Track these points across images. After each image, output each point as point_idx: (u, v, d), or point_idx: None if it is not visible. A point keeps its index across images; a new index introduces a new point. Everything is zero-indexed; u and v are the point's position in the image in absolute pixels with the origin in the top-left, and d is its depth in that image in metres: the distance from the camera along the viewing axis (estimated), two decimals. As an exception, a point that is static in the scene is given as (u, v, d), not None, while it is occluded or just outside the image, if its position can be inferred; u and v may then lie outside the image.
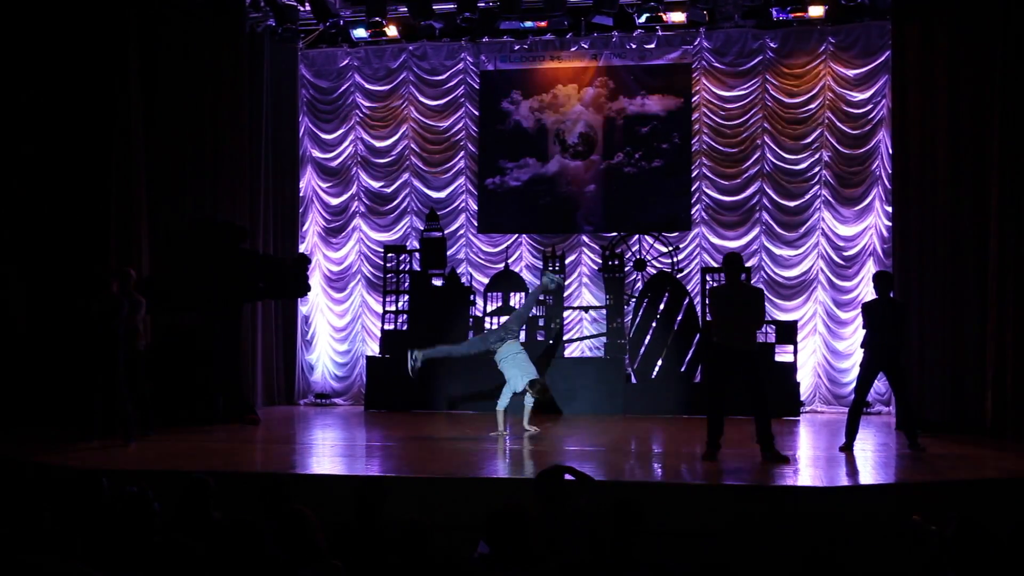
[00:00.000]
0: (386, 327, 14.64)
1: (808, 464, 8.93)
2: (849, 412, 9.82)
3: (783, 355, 13.42)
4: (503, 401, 10.56)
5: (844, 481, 8.07)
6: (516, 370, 10.53)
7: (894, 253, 12.40)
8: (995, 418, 11.16)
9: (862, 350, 9.84)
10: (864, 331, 9.84)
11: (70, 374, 11.50)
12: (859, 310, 13.56)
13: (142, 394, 10.56)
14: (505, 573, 4.16)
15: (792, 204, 14.31)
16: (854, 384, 10.26)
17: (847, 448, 9.56)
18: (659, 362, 13.68)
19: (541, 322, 14.23)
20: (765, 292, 10.81)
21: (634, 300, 14.11)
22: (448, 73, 15.34)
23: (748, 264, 14.23)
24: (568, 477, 5.53)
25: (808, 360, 14.08)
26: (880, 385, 13.31)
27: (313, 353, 15.55)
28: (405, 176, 15.43)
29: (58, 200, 12.41)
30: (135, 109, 12.58)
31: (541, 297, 14.27)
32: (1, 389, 11.85)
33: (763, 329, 13.26)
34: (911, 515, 5.55)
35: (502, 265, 14.90)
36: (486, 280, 14.75)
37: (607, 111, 14.82)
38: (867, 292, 13.72)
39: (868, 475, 8.46)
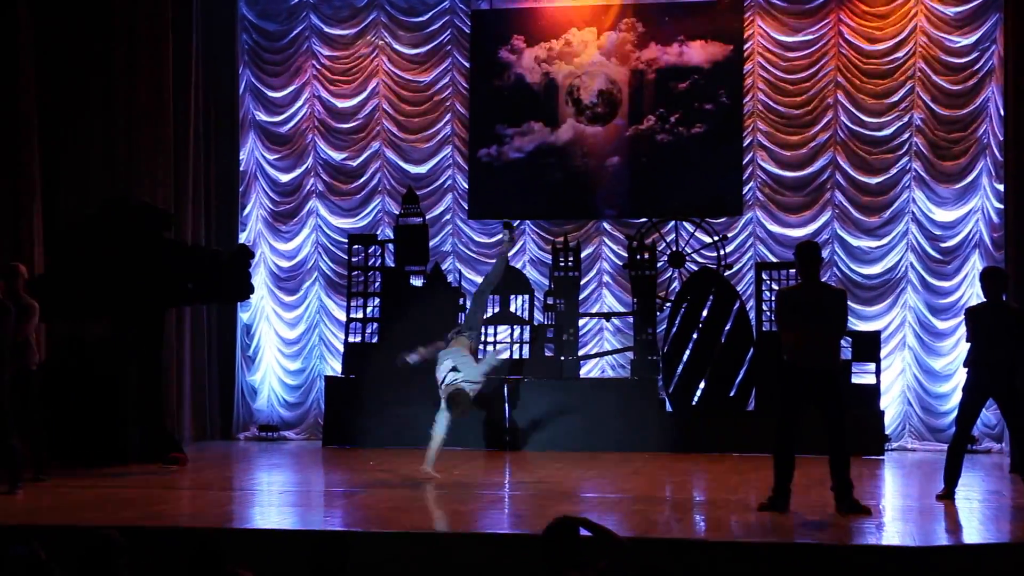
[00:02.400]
0: (351, 339, 14.63)
1: (896, 517, 8.88)
2: (949, 450, 9.77)
3: (863, 376, 13.37)
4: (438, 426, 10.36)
5: (943, 539, 8.03)
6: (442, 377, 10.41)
7: (1007, 244, 12.39)
8: None
9: (965, 369, 9.79)
10: (968, 345, 9.79)
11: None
12: (961, 318, 13.46)
13: (34, 426, 10.49)
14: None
15: (873, 181, 14.31)
16: (955, 414, 10.20)
17: (947, 496, 9.51)
18: (701, 385, 13.65)
19: (549, 333, 14.20)
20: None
21: (669, 305, 14.09)
22: (430, 13, 15.34)
23: (818, 258, 14.19)
24: (584, 533, 5.49)
25: (895, 383, 14.06)
26: (990, 415, 13.26)
27: (257, 373, 15.55)
28: (375, 146, 15.43)
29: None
30: (24, 61, 12.54)
31: (544, 298, 14.23)
32: None
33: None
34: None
35: (500, 260, 14.87)
36: (479, 278, 14.70)
37: (635, 62, 14.81)
38: (972, 295, 13.69)
39: (974, 532, 8.41)
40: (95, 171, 13.23)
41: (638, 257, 14.17)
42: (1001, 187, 13.39)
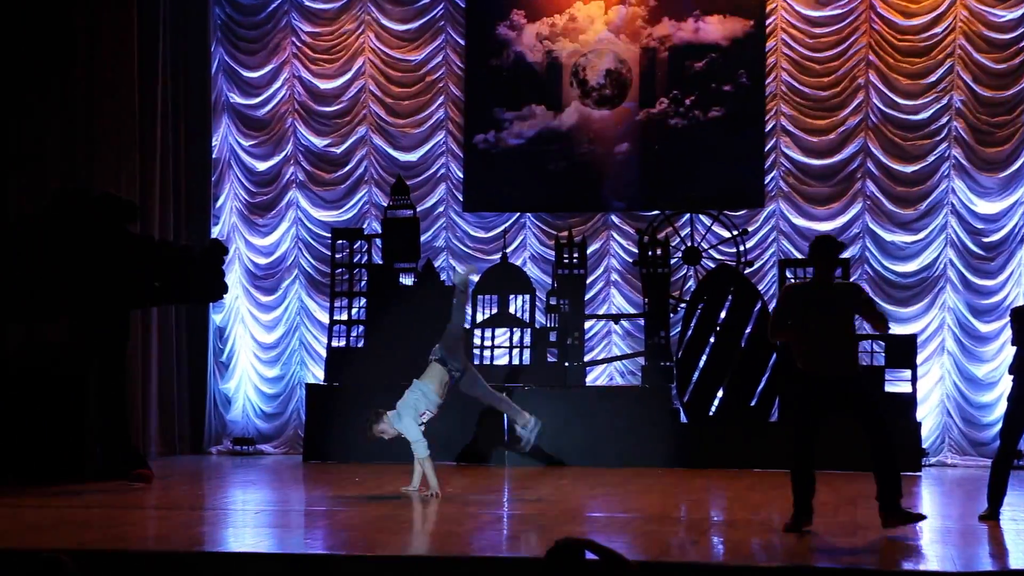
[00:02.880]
0: (334, 343, 14.61)
1: (935, 540, 8.84)
2: (993, 466, 9.73)
3: (897, 384, 13.36)
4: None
5: (986, 565, 7.99)
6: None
7: (1056, 238, 12.39)
8: None
9: (1011, 377, 9.76)
10: (1015, 349, 9.76)
11: None
12: (1007, 319, 13.35)
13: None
14: None
15: (909, 170, 14.32)
16: (999, 426, 10.17)
17: (991, 517, 9.48)
18: (719, 393, 13.63)
19: (553, 337, 14.17)
20: (866, 291, 10.72)
21: (684, 306, 14.05)
22: (422, -15, 15.36)
23: (846, 255, 14.16)
24: (590, 556, 5.44)
25: (933, 391, 14.06)
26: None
27: (231, 381, 15.54)
28: (361, 131, 15.44)
29: None
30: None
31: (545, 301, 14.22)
32: None
33: (868, 346, 13.20)
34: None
35: (498, 256, 14.86)
36: (475, 277, 14.69)
37: (646, 39, 14.82)
38: (1018, 294, 13.72)
39: (1021, 556, 8.36)
40: (51, 158, 13.20)
41: (649, 253, 14.15)
42: (1050, 176, 13.39)
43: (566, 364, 14.09)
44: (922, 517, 8.72)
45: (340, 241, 14.84)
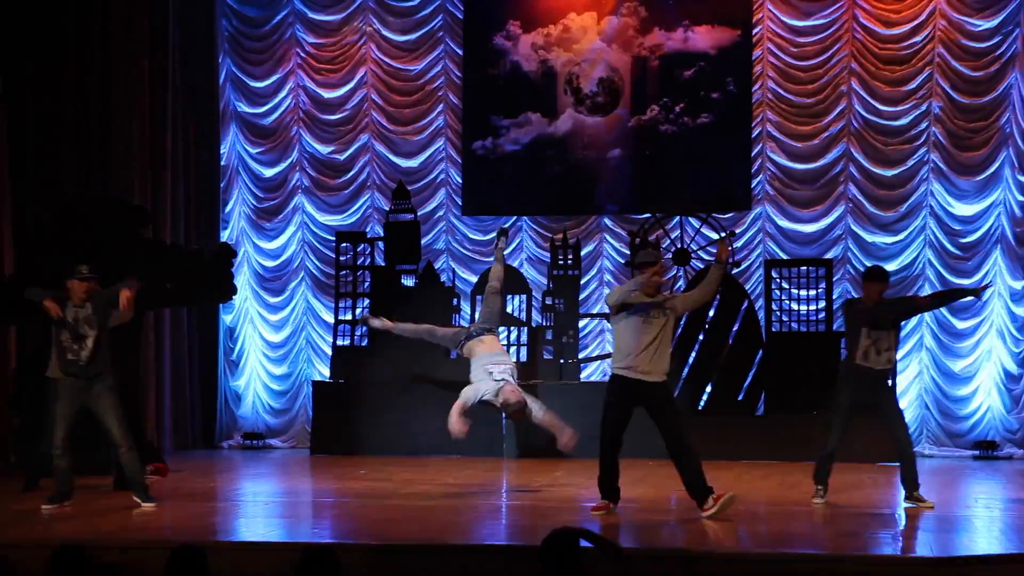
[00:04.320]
0: (339, 342, 14.64)
1: (914, 526, 8.91)
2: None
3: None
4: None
5: (961, 550, 8.05)
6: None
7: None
8: None
9: None
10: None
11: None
12: (982, 317, 13.54)
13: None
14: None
15: (889, 174, 14.34)
16: (975, 418, 10.27)
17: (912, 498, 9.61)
18: (708, 388, 13.69)
19: (548, 335, 14.23)
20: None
21: (675, 304, 14.10)
22: (421, -3, 15.37)
23: (829, 255, 14.25)
24: (585, 544, 5.52)
25: (912, 386, 14.10)
26: (1012, 419, 13.36)
27: (240, 378, 15.57)
28: (364, 138, 15.45)
29: None
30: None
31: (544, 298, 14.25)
32: None
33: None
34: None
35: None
36: (474, 278, 14.75)
37: (637, 48, 14.84)
38: (994, 293, 13.83)
39: (995, 542, 8.43)
40: (67, 166, 13.22)
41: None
42: (1024, 179, 13.44)
43: (561, 361, 14.14)
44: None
45: (344, 244, 14.85)
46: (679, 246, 14.46)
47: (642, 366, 9.01)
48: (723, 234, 14.25)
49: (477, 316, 13.53)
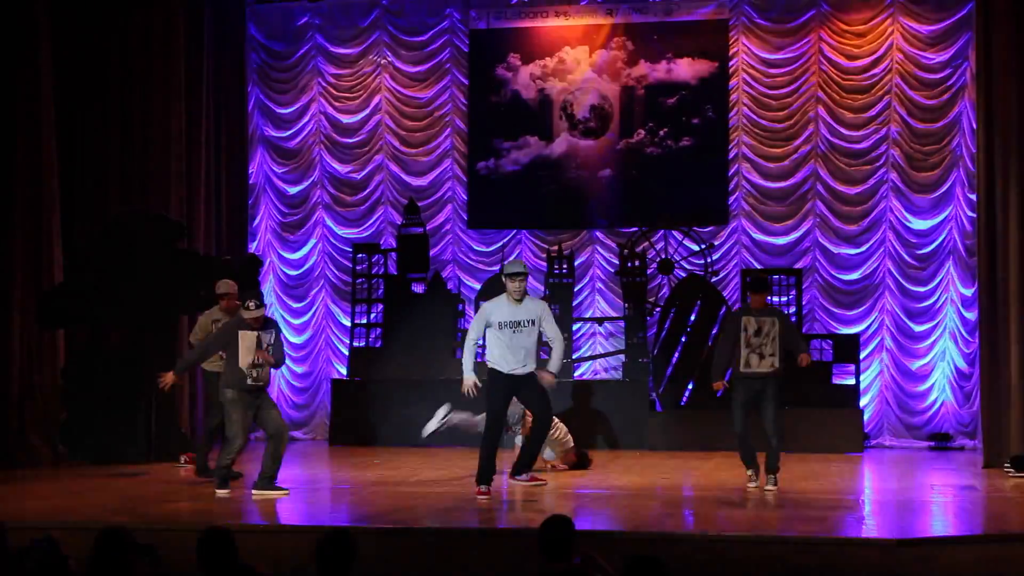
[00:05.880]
0: (355, 344, 14.63)
1: (875, 511, 8.89)
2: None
3: (843, 377, 13.45)
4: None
5: (919, 532, 8.07)
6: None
7: (979, 251, 12.35)
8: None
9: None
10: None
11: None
12: (936, 321, 13.52)
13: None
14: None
15: (852, 191, 14.33)
16: (931, 412, 10.23)
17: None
18: (690, 386, 13.66)
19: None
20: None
21: (659, 310, 14.09)
22: (431, 33, 15.34)
23: (799, 265, 14.23)
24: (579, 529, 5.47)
25: (873, 383, 14.08)
26: (964, 413, 13.36)
27: (266, 376, 15.51)
28: (378, 159, 15.44)
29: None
30: (44, 80, 12.55)
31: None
32: None
33: (818, 344, 13.32)
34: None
35: (497, 267, 14.79)
36: (478, 286, 14.72)
37: (625, 79, 14.83)
38: (947, 299, 13.83)
39: (949, 525, 8.40)
40: (111, 187, 13.24)
41: (629, 264, 14.17)
42: (974, 197, 13.35)
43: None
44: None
45: (360, 255, 14.84)
46: (664, 257, 14.43)
47: None
48: (703, 246, 14.23)
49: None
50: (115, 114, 13.39)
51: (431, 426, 11.52)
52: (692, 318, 13.78)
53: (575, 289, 14.62)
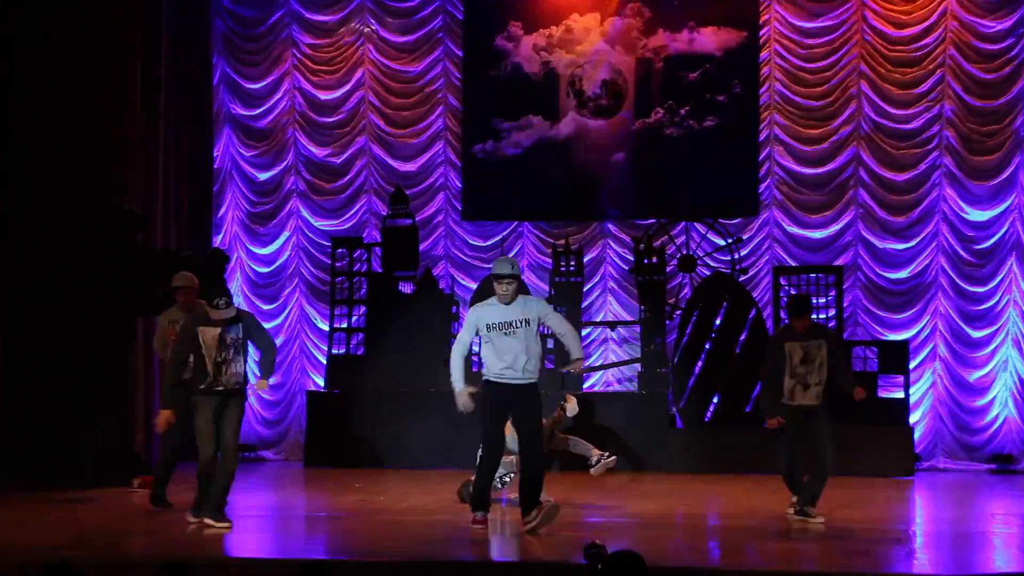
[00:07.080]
0: (334, 351, 14.61)
1: (928, 543, 8.85)
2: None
3: (890, 390, 13.39)
4: None
5: (978, 568, 8.02)
6: None
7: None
8: None
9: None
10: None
11: None
12: (998, 325, 13.47)
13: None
14: None
15: (900, 178, 14.31)
16: (991, 431, 10.19)
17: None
18: (715, 399, 13.63)
19: (550, 344, 14.14)
20: None
21: (679, 312, 14.06)
22: (420, -3, 15.36)
23: (839, 262, 14.21)
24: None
25: (925, 396, 14.05)
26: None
27: (232, 388, 15.50)
28: (361, 141, 15.43)
29: None
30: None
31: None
32: None
33: (862, 352, 13.27)
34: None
35: (496, 264, 14.85)
36: (474, 285, 14.70)
37: (641, 50, 14.82)
38: (1009, 301, 13.80)
39: (1012, 559, 8.35)
40: (57, 169, 13.15)
41: (645, 261, 14.14)
42: (1040, 184, 13.41)
43: (563, 371, 14.04)
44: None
45: (340, 250, 14.83)
46: (685, 253, 14.39)
47: None
48: (730, 240, 14.20)
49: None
50: (59, 89, 13.25)
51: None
52: (717, 322, 13.78)
53: (584, 289, 14.61)
